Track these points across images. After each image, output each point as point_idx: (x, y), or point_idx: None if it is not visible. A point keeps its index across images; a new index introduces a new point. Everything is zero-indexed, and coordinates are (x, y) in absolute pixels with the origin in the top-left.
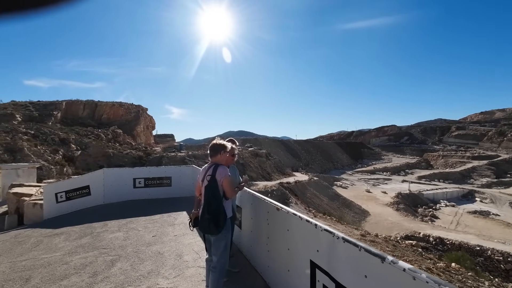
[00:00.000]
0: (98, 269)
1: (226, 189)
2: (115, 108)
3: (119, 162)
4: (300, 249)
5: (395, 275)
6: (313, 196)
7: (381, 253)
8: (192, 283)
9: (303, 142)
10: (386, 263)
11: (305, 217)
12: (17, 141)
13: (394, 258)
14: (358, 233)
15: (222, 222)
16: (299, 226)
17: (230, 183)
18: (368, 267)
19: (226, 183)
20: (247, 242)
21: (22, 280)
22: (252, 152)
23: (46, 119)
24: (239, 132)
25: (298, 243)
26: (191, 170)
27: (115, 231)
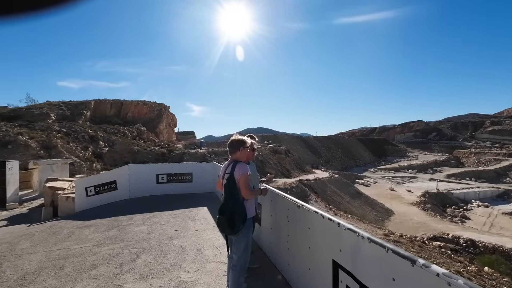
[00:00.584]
0: (124, 260)
1: (242, 187)
2: (139, 107)
3: (144, 158)
4: (321, 248)
5: (427, 280)
6: (333, 193)
7: (411, 255)
8: (213, 278)
9: (323, 139)
10: (417, 266)
11: (327, 215)
12: (52, 139)
13: (426, 261)
14: (381, 233)
15: (238, 222)
16: (321, 225)
17: (246, 182)
18: (397, 270)
19: (242, 181)
20: (267, 239)
21: (56, 268)
22: (271, 149)
23: (77, 118)
24: (258, 129)
25: (320, 241)
26: (211, 167)
27: (139, 224)
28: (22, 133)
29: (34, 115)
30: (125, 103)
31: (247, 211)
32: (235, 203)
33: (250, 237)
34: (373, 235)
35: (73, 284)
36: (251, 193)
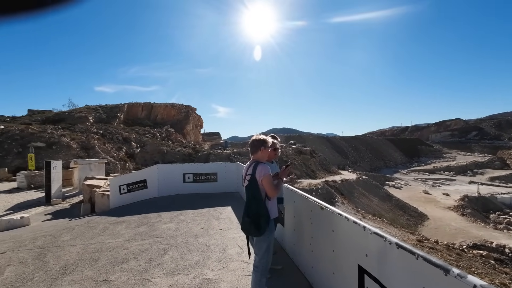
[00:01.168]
0: (153, 256)
1: (266, 188)
2: (168, 109)
3: (172, 158)
4: (346, 252)
5: None
6: (361, 195)
7: (444, 264)
8: (236, 277)
9: (350, 139)
10: (451, 276)
11: (352, 218)
12: (90, 140)
13: (462, 271)
14: (414, 238)
15: (263, 224)
16: (346, 228)
17: (270, 182)
18: (428, 279)
19: (265, 181)
20: (289, 240)
21: (92, 260)
22: (296, 150)
23: (112, 120)
24: (282, 129)
25: (344, 245)
26: (235, 167)
27: (167, 222)
28: (64, 135)
29: (75, 118)
30: (155, 105)
31: (270, 212)
32: (258, 204)
33: (272, 239)
34: (404, 240)
35: (107, 276)
36: (276, 190)
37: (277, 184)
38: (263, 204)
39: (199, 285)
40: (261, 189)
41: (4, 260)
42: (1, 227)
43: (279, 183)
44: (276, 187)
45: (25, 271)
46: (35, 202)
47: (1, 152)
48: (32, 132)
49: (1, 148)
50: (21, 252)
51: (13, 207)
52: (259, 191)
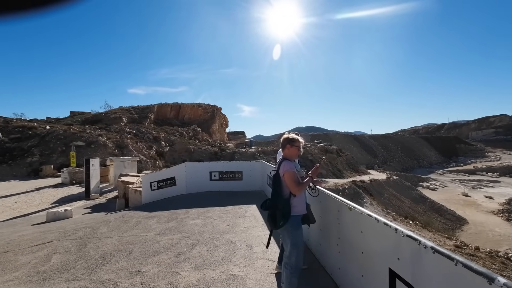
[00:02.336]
0: (181, 250)
1: (288, 184)
2: (195, 109)
3: (199, 157)
4: (376, 254)
5: None
6: (392, 197)
7: (489, 272)
8: (261, 274)
9: (380, 137)
10: (496, 285)
11: (382, 220)
12: (124, 139)
13: (509, 281)
14: (452, 244)
15: (280, 218)
16: (375, 229)
17: (291, 178)
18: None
19: (287, 177)
20: (315, 240)
21: (127, 252)
22: (321, 148)
23: (143, 121)
24: (307, 128)
25: (374, 247)
26: (260, 166)
27: (195, 218)
28: (101, 134)
29: (110, 119)
30: (182, 106)
31: (293, 208)
32: (277, 199)
33: (299, 236)
34: (440, 245)
35: (140, 268)
36: (299, 187)
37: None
38: (283, 199)
39: (226, 281)
40: (283, 185)
41: (51, 248)
42: (48, 218)
43: (308, 182)
44: (301, 184)
45: (68, 259)
46: (76, 197)
47: (48, 151)
48: (74, 132)
49: (48, 146)
50: (65, 241)
51: (58, 200)
52: (281, 186)
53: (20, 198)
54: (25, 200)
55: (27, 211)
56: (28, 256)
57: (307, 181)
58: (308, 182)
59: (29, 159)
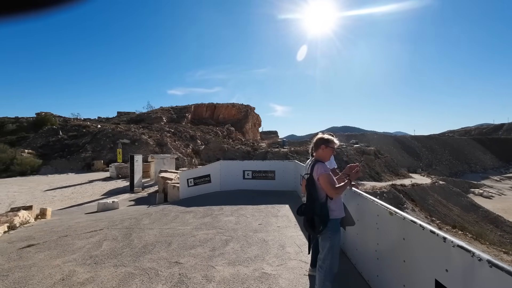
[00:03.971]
0: (216, 245)
1: (324, 188)
2: (229, 109)
3: (232, 155)
4: (420, 264)
5: None
6: (437, 203)
7: None
8: (294, 275)
9: (424, 138)
10: None
11: (429, 227)
12: (164, 138)
13: None
14: (510, 260)
15: (318, 223)
16: (420, 237)
17: (328, 181)
18: None
19: (322, 180)
20: (351, 245)
21: (166, 243)
22: (358, 149)
23: (181, 120)
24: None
25: (418, 256)
26: (294, 166)
27: (228, 215)
28: (144, 133)
29: (152, 118)
30: (217, 106)
31: (331, 212)
32: (314, 203)
33: (336, 240)
34: (497, 259)
35: (178, 259)
36: (337, 190)
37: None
38: (320, 203)
39: (258, 278)
40: (318, 188)
41: (102, 236)
42: (99, 209)
43: (346, 185)
44: (339, 188)
45: (116, 246)
46: (122, 190)
47: (99, 147)
48: (120, 130)
49: (99, 143)
50: (113, 230)
51: (107, 192)
52: (316, 189)
53: (76, 189)
54: (80, 191)
55: (81, 201)
56: (83, 241)
57: (346, 184)
58: (347, 186)
59: (83, 154)
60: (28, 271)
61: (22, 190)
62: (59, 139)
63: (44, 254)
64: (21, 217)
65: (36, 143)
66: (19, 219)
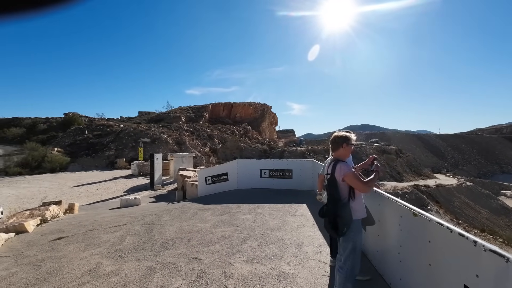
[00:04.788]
0: (234, 243)
1: (354, 186)
2: (246, 108)
3: (249, 154)
4: (448, 268)
5: None
6: (464, 205)
7: None
8: (313, 275)
9: (449, 137)
10: None
11: (457, 229)
12: (182, 137)
13: None
14: None
15: (342, 225)
16: (447, 240)
17: (356, 178)
18: None
19: (350, 179)
20: (372, 246)
21: (186, 239)
22: (378, 148)
23: (199, 119)
24: (362, 126)
25: (445, 260)
26: (311, 165)
27: (246, 213)
28: (163, 132)
29: (171, 118)
30: (234, 105)
31: (353, 213)
32: (336, 205)
33: (359, 241)
34: None
35: (197, 255)
36: (368, 184)
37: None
38: (342, 204)
39: (276, 277)
40: (341, 188)
41: (125, 230)
42: (122, 204)
43: (375, 178)
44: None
45: (138, 241)
46: (143, 187)
47: (121, 146)
48: (141, 130)
49: (121, 142)
50: (135, 225)
51: (129, 189)
52: (338, 190)
53: (101, 186)
54: (104, 187)
55: (105, 197)
56: (108, 235)
57: (375, 177)
58: (376, 178)
59: (107, 152)
60: (59, 262)
61: (52, 186)
62: (85, 138)
63: (73, 246)
64: (52, 211)
65: (65, 141)
66: (50, 213)
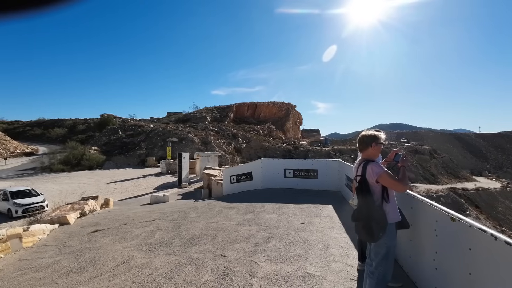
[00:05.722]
0: (258, 241)
1: (390, 186)
2: (270, 107)
3: (273, 154)
4: (491, 279)
5: None
6: (509, 211)
7: None
8: (339, 278)
9: (492, 136)
10: None
11: (503, 237)
12: (208, 136)
13: None
14: None
15: (376, 229)
16: (491, 248)
17: (390, 177)
18: None
19: (385, 180)
20: (404, 251)
21: (211, 236)
22: (410, 148)
23: (224, 119)
24: (392, 125)
25: (489, 270)
26: (338, 165)
27: (270, 212)
28: (190, 132)
29: (197, 118)
30: (258, 104)
31: (388, 216)
32: (370, 208)
33: (393, 246)
34: None
35: (222, 252)
36: (403, 182)
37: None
38: (376, 207)
39: (302, 278)
40: (373, 190)
41: (155, 226)
42: (152, 201)
43: (405, 172)
44: (403, 178)
45: (167, 236)
46: (171, 184)
47: (151, 145)
48: (170, 129)
49: (151, 142)
50: (164, 221)
51: (158, 186)
52: (370, 193)
53: (132, 183)
54: (136, 184)
55: (136, 194)
56: (139, 229)
57: (404, 172)
58: (406, 173)
59: (138, 151)
60: (96, 252)
61: (90, 182)
62: (119, 138)
63: (109, 239)
64: (90, 206)
65: (101, 141)
66: (88, 207)
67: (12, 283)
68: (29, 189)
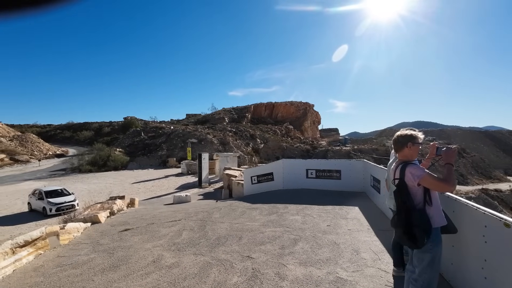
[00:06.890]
0: (285, 244)
1: (436, 188)
2: (287, 107)
3: (291, 154)
4: None
5: None
6: None
7: None
8: (374, 284)
9: None
10: None
11: None
12: (226, 137)
13: None
14: None
15: (420, 235)
16: None
17: (434, 179)
18: None
19: (429, 182)
20: (444, 257)
21: (237, 237)
22: None
23: (242, 120)
24: (416, 123)
25: None
26: (362, 165)
27: (294, 214)
28: (209, 133)
29: (215, 119)
30: (276, 104)
31: (432, 221)
32: (410, 213)
33: (438, 252)
34: None
35: (249, 254)
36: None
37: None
38: (418, 212)
39: (334, 283)
40: (413, 194)
41: (181, 225)
42: (175, 201)
43: (450, 170)
44: (449, 177)
45: (194, 236)
46: (192, 185)
47: (172, 146)
48: (189, 131)
49: (172, 143)
50: (190, 221)
51: (179, 187)
52: (410, 197)
53: (155, 183)
54: (158, 184)
55: (159, 193)
56: (166, 229)
57: (451, 171)
58: (452, 171)
59: (160, 152)
60: (127, 251)
61: (116, 182)
62: (141, 139)
63: (138, 238)
64: (118, 205)
65: (125, 143)
66: (116, 207)
67: (53, 279)
68: (61, 189)
